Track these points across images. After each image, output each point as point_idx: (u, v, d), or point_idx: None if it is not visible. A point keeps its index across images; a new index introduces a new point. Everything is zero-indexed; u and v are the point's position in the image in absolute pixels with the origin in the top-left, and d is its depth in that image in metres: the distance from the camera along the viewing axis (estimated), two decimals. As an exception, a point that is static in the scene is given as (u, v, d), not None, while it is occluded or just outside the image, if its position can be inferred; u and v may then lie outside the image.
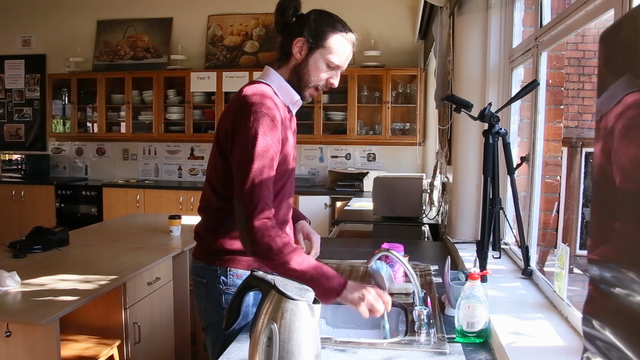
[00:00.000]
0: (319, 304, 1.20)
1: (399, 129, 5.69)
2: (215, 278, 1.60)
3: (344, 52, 1.57)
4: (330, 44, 1.54)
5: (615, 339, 0.77)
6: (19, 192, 6.11)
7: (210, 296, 1.62)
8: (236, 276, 1.59)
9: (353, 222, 3.70)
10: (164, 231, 3.34)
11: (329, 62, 1.56)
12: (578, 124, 4.94)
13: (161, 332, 2.87)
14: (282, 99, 1.59)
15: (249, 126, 1.46)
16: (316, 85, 1.60)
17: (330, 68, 1.57)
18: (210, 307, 1.63)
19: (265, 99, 1.50)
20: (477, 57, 2.56)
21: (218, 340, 1.61)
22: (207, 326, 1.65)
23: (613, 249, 0.80)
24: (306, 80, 1.58)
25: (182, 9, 6.14)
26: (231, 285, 1.59)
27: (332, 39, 1.54)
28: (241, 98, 1.53)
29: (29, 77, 6.62)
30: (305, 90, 1.60)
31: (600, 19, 1.44)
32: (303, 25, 1.55)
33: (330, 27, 1.55)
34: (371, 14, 5.81)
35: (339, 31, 1.55)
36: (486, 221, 1.85)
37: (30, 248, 2.81)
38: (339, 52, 1.56)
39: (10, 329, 1.99)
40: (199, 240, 1.67)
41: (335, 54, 1.55)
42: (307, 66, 1.56)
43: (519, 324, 1.45)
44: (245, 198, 1.44)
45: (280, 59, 1.62)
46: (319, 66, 1.56)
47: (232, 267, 1.59)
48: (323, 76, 1.58)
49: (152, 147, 6.39)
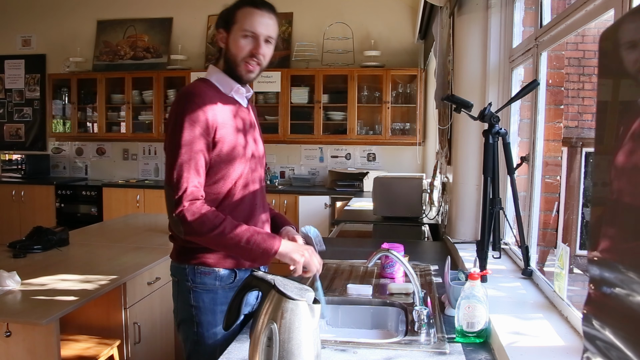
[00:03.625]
0: (319, 304, 1.20)
1: (399, 129, 5.69)
2: (184, 276, 1.64)
3: (254, 17, 1.60)
4: (238, 18, 1.61)
5: (615, 339, 0.77)
6: (19, 192, 6.10)
7: (181, 294, 1.66)
8: (204, 274, 1.62)
9: (353, 222, 3.70)
10: (164, 231, 3.32)
11: (243, 32, 1.60)
12: (578, 124, 4.94)
13: (161, 332, 2.87)
14: (223, 90, 1.66)
15: (176, 117, 1.55)
16: (242, 58, 1.62)
17: (247, 37, 1.61)
18: (181, 305, 1.67)
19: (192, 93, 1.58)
20: (477, 57, 2.56)
21: (188, 338, 1.65)
22: (179, 323, 1.69)
23: (613, 249, 0.80)
24: (233, 60, 1.63)
25: (182, 9, 6.14)
26: (199, 283, 1.62)
27: (238, 14, 1.61)
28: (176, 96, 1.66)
29: (29, 77, 6.62)
30: (238, 69, 1.64)
31: (600, 19, 1.43)
32: (219, 21, 1.66)
33: (235, 6, 1.62)
34: (371, 14, 5.81)
35: (243, 5, 1.61)
36: (486, 221, 1.85)
37: (30, 248, 2.81)
38: (248, 20, 1.60)
39: (10, 329, 1.99)
40: (172, 241, 1.73)
41: (245, 23, 1.60)
42: (230, 48, 1.63)
43: (519, 324, 1.45)
44: (173, 183, 1.52)
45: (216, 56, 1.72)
46: (238, 41, 1.61)
47: (199, 265, 1.63)
48: (243, 46, 1.61)
49: (152, 147, 6.39)
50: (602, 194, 0.87)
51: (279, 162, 6.12)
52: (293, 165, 6.13)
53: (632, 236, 0.74)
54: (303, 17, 5.94)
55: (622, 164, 0.77)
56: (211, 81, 1.67)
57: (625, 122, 0.77)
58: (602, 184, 0.86)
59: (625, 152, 0.76)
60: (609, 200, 0.82)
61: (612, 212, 0.82)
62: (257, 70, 1.65)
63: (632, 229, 0.74)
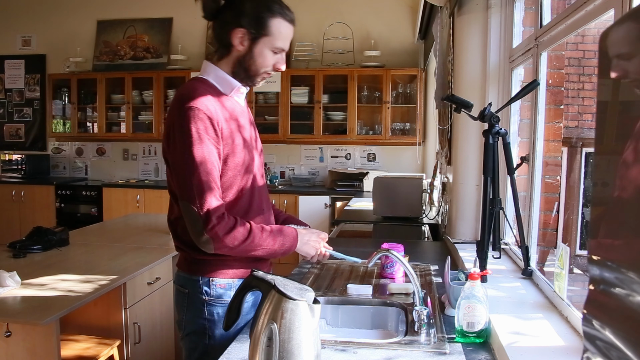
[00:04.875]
0: (319, 304, 1.20)
1: (399, 129, 5.69)
2: (197, 288, 1.56)
3: (287, 34, 1.54)
4: (272, 30, 1.50)
5: (615, 339, 0.77)
6: (19, 192, 6.10)
7: (192, 306, 1.58)
8: (219, 286, 1.56)
9: (353, 222, 3.70)
10: (164, 231, 3.34)
11: (274, 48, 1.53)
12: (578, 124, 4.93)
13: (161, 332, 2.87)
14: (222, 90, 1.55)
15: (184, 128, 1.43)
16: (265, 70, 1.56)
17: (275, 53, 1.54)
18: (191, 317, 1.59)
19: (191, 92, 1.47)
20: (477, 57, 2.56)
21: (197, 349, 1.58)
22: (187, 335, 1.61)
23: (613, 249, 0.80)
24: (255, 71, 1.55)
25: (182, 9, 6.14)
26: (214, 296, 1.56)
27: (273, 24, 1.50)
28: (174, 100, 1.51)
29: (29, 77, 6.62)
30: (255, 78, 1.57)
31: (600, 19, 1.43)
32: (239, 14, 1.49)
33: (269, 11, 1.49)
34: (371, 14, 5.81)
35: (278, 14, 1.51)
36: (486, 221, 1.85)
37: (30, 248, 2.81)
38: (283, 36, 1.52)
39: (10, 329, 1.99)
40: (180, 251, 1.64)
41: (279, 39, 1.52)
42: (253, 57, 1.52)
43: (519, 324, 1.45)
44: (195, 201, 1.43)
45: (219, 50, 1.56)
46: (265, 54, 1.52)
47: (215, 277, 1.56)
48: (270, 62, 1.54)
49: (152, 147, 6.39)
50: (602, 194, 0.87)
51: (279, 162, 6.12)
52: (293, 165, 6.13)
53: (632, 236, 0.74)
54: (303, 17, 5.92)
55: (625, 163, 0.77)
56: (209, 81, 1.55)
57: (628, 122, 0.77)
58: (602, 184, 0.86)
59: (629, 151, 0.76)
60: (610, 200, 0.82)
61: (612, 211, 0.82)
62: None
63: (632, 228, 0.74)
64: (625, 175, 0.76)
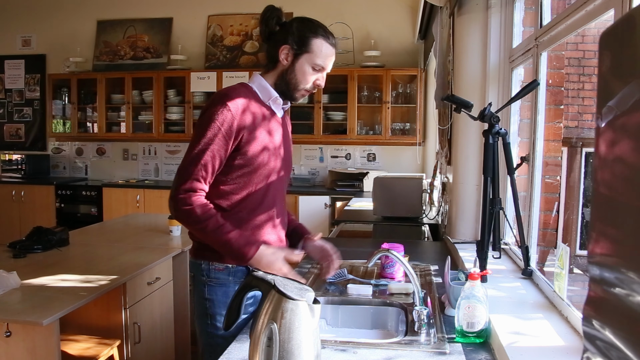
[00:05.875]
0: (319, 304, 1.20)
1: (399, 129, 5.69)
2: (200, 271, 1.70)
3: (327, 53, 1.69)
4: (313, 48, 1.66)
5: (615, 339, 0.77)
6: (19, 192, 6.10)
7: (196, 288, 1.73)
8: (217, 269, 1.68)
9: (353, 222, 3.70)
10: (164, 231, 3.33)
11: (314, 65, 1.67)
12: (578, 124, 4.93)
13: (161, 332, 2.87)
14: (261, 97, 1.71)
15: (205, 114, 1.62)
16: (304, 87, 1.71)
17: (315, 70, 1.69)
18: (197, 298, 1.73)
19: (227, 94, 1.62)
20: (477, 57, 2.56)
21: (203, 331, 1.72)
22: (196, 318, 1.75)
23: (613, 249, 0.80)
24: (295, 84, 1.70)
25: (182, 9, 6.14)
26: (213, 278, 1.69)
27: (314, 43, 1.66)
28: (215, 93, 1.70)
29: (29, 77, 6.62)
30: (296, 93, 1.72)
31: (600, 19, 1.43)
32: (287, 33, 1.67)
33: (312, 32, 1.67)
34: (371, 14, 5.81)
35: (320, 35, 1.67)
36: (486, 221, 1.85)
37: (30, 248, 2.81)
38: (322, 54, 1.67)
39: (10, 329, 1.99)
40: (191, 237, 1.77)
41: (319, 57, 1.67)
42: (294, 71, 1.68)
43: (519, 324, 1.45)
44: (181, 171, 1.61)
45: (267, 65, 1.74)
46: (305, 70, 1.68)
47: (213, 261, 1.68)
48: (310, 78, 1.70)
49: (152, 147, 6.39)
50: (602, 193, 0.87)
51: (279, 162, 6.12)
52: (293, 165, 6.12)
53: (632, 236, 0.74)
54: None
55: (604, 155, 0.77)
56: (252, 87, 1.71)
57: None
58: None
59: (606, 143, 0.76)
60: (609, 200, 0.82)
61: (612, 211, 0.82)
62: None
63: (632, 228, 0.74)
64: (624, 175, 0.76)
